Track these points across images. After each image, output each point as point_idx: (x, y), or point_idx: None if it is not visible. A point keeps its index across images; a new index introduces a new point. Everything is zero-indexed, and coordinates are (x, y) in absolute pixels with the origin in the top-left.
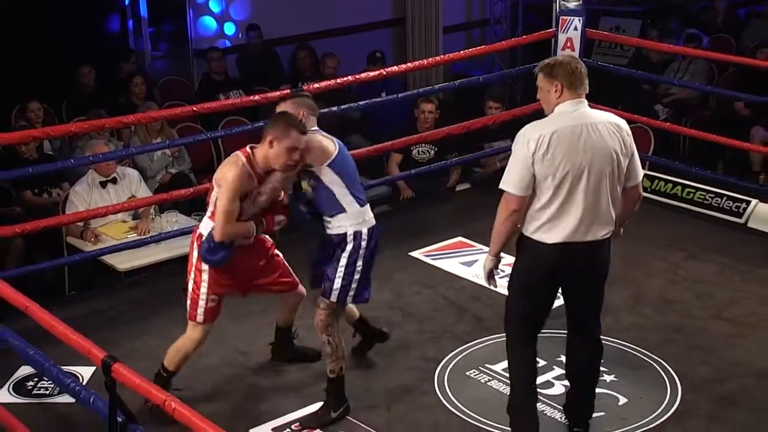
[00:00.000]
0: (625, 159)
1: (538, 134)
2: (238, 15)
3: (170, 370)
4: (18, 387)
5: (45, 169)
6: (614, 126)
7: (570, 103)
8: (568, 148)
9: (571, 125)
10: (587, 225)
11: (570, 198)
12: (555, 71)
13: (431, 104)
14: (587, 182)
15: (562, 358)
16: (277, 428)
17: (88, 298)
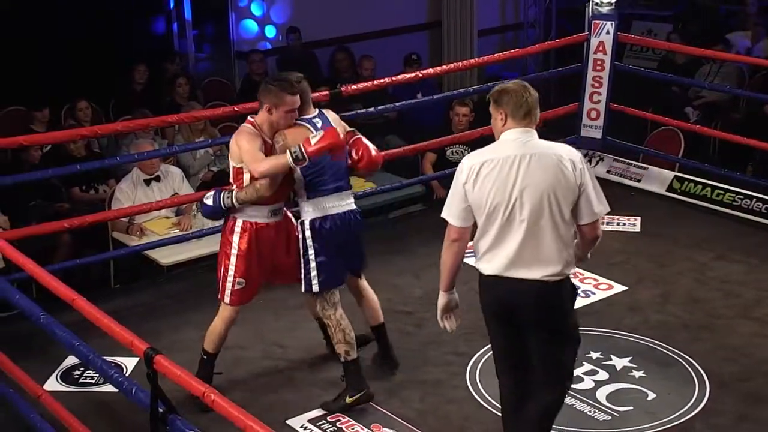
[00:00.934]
0: (569, 194)
1: (471, 163)
2: (278, 18)
3: (209, 351)
4: (65, 376)
5: (92, 167)
6: (558, 159)
7: (513, 131)
8: (498, 178)
9: (505, 155)
10: (525, 262)
11: (504, 230)
12: (501, 99)
13: (466, 107)
14: (521, 215)
15: (591, 354)
16: (313, 419)
17: (132, 292)
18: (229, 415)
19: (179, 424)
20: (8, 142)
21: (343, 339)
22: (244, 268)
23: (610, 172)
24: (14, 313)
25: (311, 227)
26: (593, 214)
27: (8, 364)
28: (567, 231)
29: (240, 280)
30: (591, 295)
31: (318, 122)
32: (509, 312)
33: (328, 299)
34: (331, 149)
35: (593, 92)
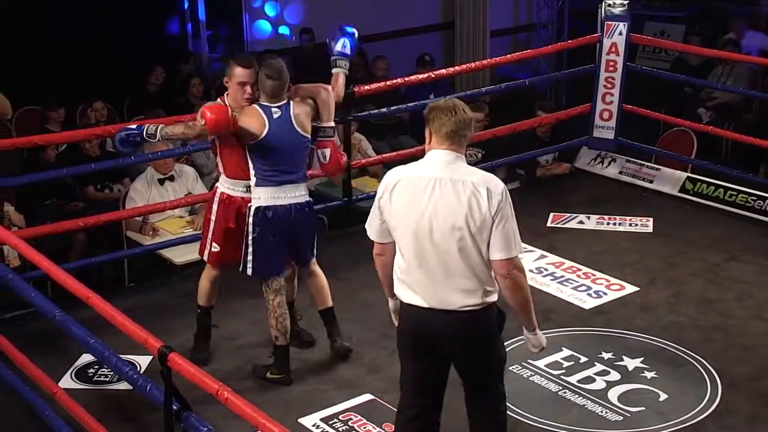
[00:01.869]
0: (481, 225)
1: (388, 179)
2: (292, 19)
3: (201, 305)
4: (80, 374)
5: (107, 166)
6: (473, 188)
7: (437, 152)
8: (411, 198)
9: (422, 176)
10: (440, 290)
11: (416, 255)
12: (429, 116)
13: (480, 113)
14: (432, 241)
15: (603, 355)
16: (325, 419)
17: (146, 290)
18: (242, 413)
19: (193, 422)
20: (24, 141)
21: (275, 325)
22: (220, 236)
23: (623, 173)
24: (30, 310)
25: (254, 214)
26: (503, 250)
27: (24, 361)
28: (479, 260)
29: (215, 245)
30: (603, 296)
31: (276, 112)
32: (427, 342)
33: (269, 284)
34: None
35: (606, 93)
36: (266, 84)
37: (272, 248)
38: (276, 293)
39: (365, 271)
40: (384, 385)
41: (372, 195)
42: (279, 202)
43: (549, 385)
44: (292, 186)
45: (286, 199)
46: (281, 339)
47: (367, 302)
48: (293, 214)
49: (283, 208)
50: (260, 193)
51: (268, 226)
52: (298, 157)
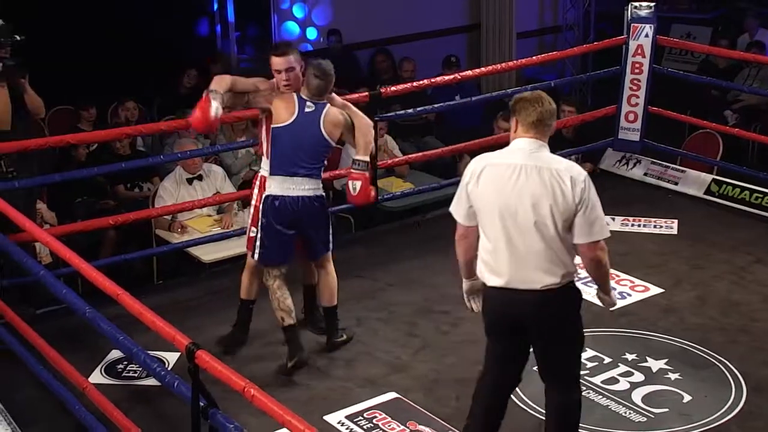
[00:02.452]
0: (565, 212)
1: (474, 166)
2: (320, 20)
3: (241, 297)
4: (109, 369)
5: (137, 165)
6: (558, 175)
7: (521, 140)
8: (497, 185)
9: (508, 163)
10: (523, 271)
11: (501, 237)
12: (515, 107)
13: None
14: (517, 224)
15: (627, 356)
16: (350, 416)
17: (175, 288)
18: (268, 410)
19: (219, 418)
20: (56, 140)
21: (277, 306)
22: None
23: (648, 174)
24: (61, 307)
25: (264, 201)
26: (588, 236)
27: (55, 356)
28: (561, 244)
29: (253, 229)
30: (627, 297)
31: (310, 106)
32: (512, 322)
33: (269, 271)
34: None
35: (631, 95)
36: (312, 82)
37: (278, 237)
38: (275, 278)
39: (390, 270)
40: (408, 384)
41: (398, 195)
42: (288, 193)
43: None
44: (303, 179)
45: (296, 191)
46: (287, 319)
47: (392, 301)
48: (300, 206)
49: (291, 199)
50: (271, 182)
51: (276, 215)
52: (314, 154)
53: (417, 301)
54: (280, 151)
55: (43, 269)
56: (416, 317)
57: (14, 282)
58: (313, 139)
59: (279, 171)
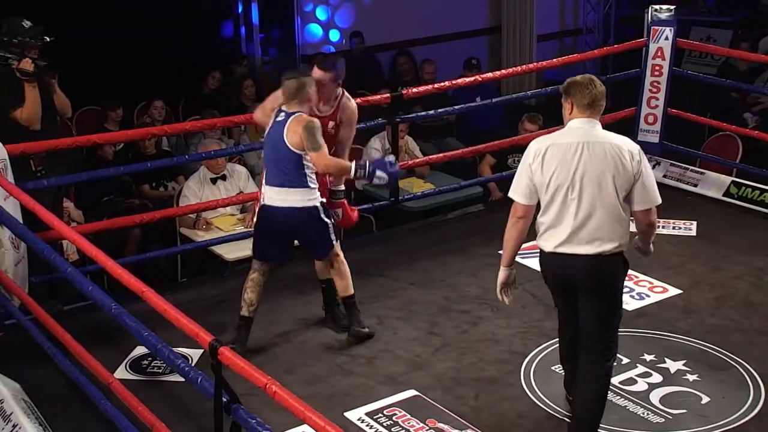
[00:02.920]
0: (625, 182)
1: (537, 147)
2: (342, 23)
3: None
4: (134, 365)
5: (162, 164)
6: (617, 150)
7: (578, 120)
8: (561, 162)
9: (569, 142)
10: (582, 237)
11: (563, 210)
12: (569, 90)
13: (535, 125)
14: (579, 196)
15: (645, 356)
16: (370, 413)
17: (198, 285)
18: (289, 406)
19: (242, 414)
20: (83, 140)
21: (243, 295)
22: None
23: (667, 176)
24: (88, 303)
25: (259, 209)
26: (646, 202)
27: (81, 352)
28: (620, 214)
29: None
30: (645, 298)
31: (281, 114)
32: (566, 282)
33: (255, 262)
34: None
35: (651, 97)
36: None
37: (266, 240)
38: (255, 271)
39: (411, 269)
40: (428, 382)
41: (419, 195)
42: (279, 204)
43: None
44: (290, 190)
45: (285, 201)
46: (243, 309)
47: (412, 300)
48: (290, 218)
49: (276, 209)
50: (265, 192)
51: (267, 224)
52: (287, 164)
53: (437, 300)
54: (267, 161)
55: (70, 266)
56: (436, 316)
57: (42, 279)
58: (280, 149)
59: (270, 181)
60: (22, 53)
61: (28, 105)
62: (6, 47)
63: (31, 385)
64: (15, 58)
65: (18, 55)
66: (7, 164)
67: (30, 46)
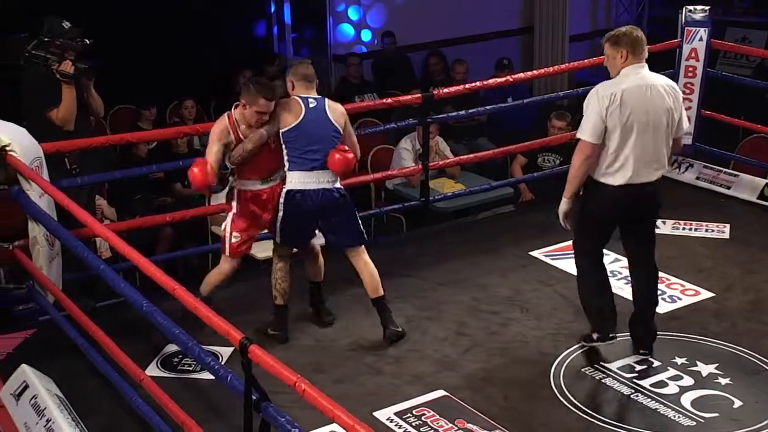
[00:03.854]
0: (676, 114)
1: (611, 91)
2: (374, 23)
3: (204, 295)
4: (165, 362)
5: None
6: (670, 87)
7: (633, 67)
8: (635, 103)
9: (636, 84)
10: (645, 169)
11: (633, 146)
12: (620, 40)
13: (563, 121)
14: (647, 133)
15: (676, 359)
16: (399, 412)
17: (229, 284)
18: (318, 405)
19: (271, 412)
20: (117, 138)
21: (274, 285)
22: (238, 226)
23: (700, 178)
24: (119, 300)
25: (285, 195)
26: (682, 130)
27: (114, 348)
28: (670, 142)
29: (235, 234)
30: (677, 301)
31: (312, 102)
32: (625, 212)
33: (278, 250)
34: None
35: (684, 99)
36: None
37: (298, 226)
38: (280, 259)
39: (441, 270)
40: (457, 382)
41: (449, 196)
42: (308, 187)
43: (621, 388)
44: (317, 172)
45: (314, 184)
46: (279, 299)
47: (442, 300)
48: (321, 198)
49: (312, 192)
50: (291, 178)
51: (297, 207)
52: (328, 146)
53: (466, 300)
54: (297, 148)
55: (102, 264)
56: (465, 317)
57: (75, 276)
58: (329, 132)
59: (300, 167)
60: (62, 55)
61: (64, 106)
62: (46, 48)
63: (64, 380)
64: (55, 59)
65: (58, 57)
66: (42, 162)
67: (70, 48)
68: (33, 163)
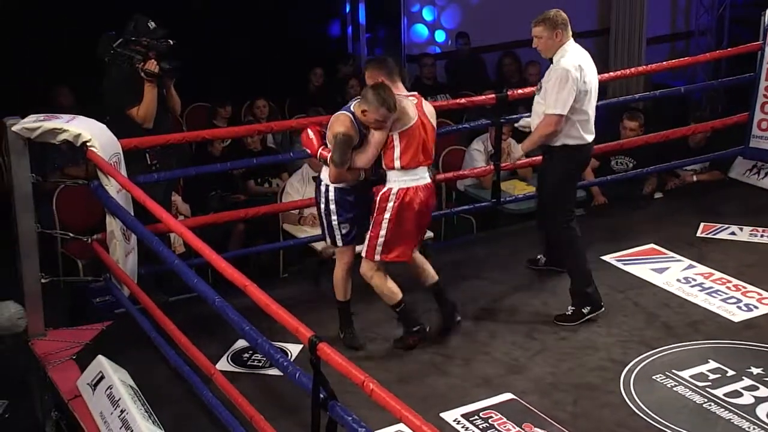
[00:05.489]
0: None
1: (572, 65)
2: (448, 23)
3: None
4: (235, 358)
5: (267, 161)
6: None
7: (571, 42)
8: (590, 71)
9: (586, 55)
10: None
11: (593, 108)
12: (555, 22)
13: (635, 122)
14: (595, 95)
15: (752, 369)
16: (466, 414)
17: (299, 281)
18: (386, 405)
19: (339, 411)
20: (193, 135)
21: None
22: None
23: None
24: (192, 295)
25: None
26: None
27: (186, 342)
28: None
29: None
30: (753, 309)
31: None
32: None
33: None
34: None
35: (765, 102)
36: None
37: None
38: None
39: (511, 272)
40: (525, 386)
41: (520, 198)
42: (423, 182)
43: (693, 397)
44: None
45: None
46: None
47: (514, 304)
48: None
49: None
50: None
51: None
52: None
53: (536, 304)
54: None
55: (176, 259)
56: (535, 321)
57: (150, 270)
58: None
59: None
60: (146, 54)
61: (146, 104)
62: (132, 47)
63: (138, 372)
64: (140, 58)
65: (143, 56)
66: (120, 158)
67: (155, 49)
68: (112, 159)
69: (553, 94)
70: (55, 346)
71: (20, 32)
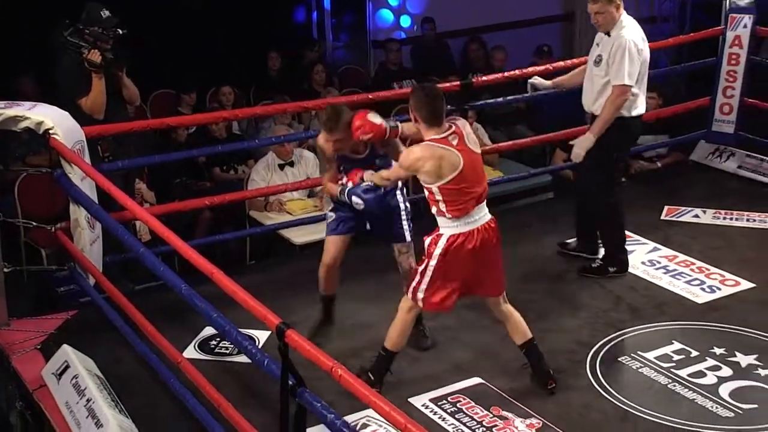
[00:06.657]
0: None
1: (639, 36)
2: (414, 8)
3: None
4: (202, 345)
5: (232, 148)
6: None
7: (625, 14)
8: (646, 43)
9: (640, 28)
10: None
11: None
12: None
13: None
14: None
15: (715, 350)
16: (434, 399)
17: (266, 268)
18: (355, 391)
19: (307, 397)
20: (157, 123)
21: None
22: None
23: (742, 167)
24: (159, 283)
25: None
26: None
27: (152, 331)
28: None
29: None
30: (716, 291)
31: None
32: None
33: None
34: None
35: (727, 87)
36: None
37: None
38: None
39: None
40: (494, 370)
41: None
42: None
43: (658, 378)
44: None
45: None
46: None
47: None
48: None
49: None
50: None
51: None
52: None
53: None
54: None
55: (142, 247)
56: None
57: (115, 258)
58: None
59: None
60: (94, 43)
61: (93, 95)
62: (82, 35)
63: (104, 361)
64: (87, 47)
65: (90, 45)
66: (84, 146)
67: (102, 38)
68: (75, 146)
69: (621, 65)
70: (19, 336)
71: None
